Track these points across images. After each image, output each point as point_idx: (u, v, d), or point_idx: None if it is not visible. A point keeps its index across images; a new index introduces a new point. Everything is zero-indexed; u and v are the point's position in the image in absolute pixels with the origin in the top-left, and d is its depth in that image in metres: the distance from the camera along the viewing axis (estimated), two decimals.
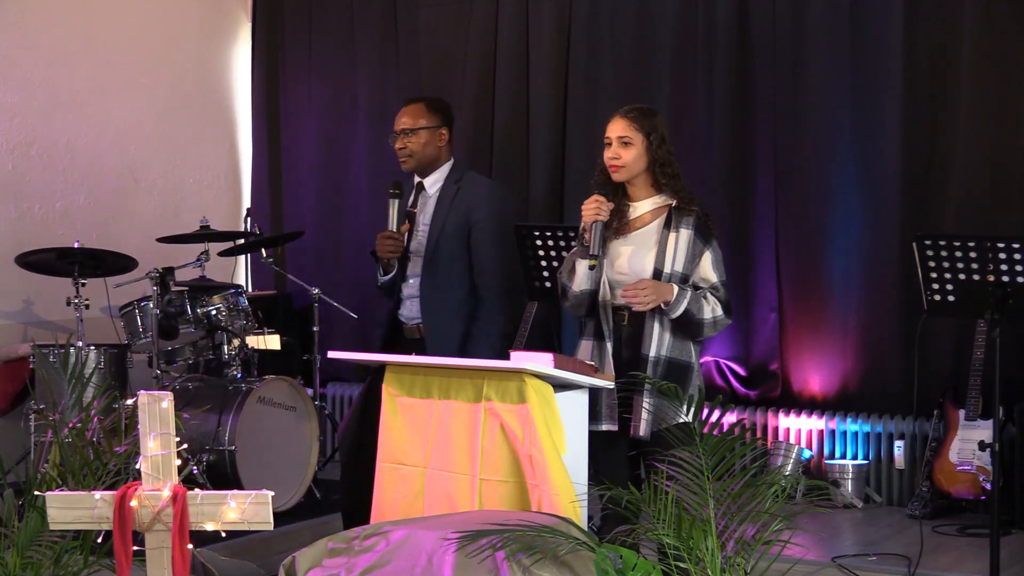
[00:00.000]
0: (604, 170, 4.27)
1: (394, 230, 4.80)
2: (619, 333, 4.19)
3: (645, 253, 4.19)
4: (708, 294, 4.18)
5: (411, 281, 4.84)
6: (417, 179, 4.92)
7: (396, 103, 7.74)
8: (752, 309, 6.77)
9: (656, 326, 4.14)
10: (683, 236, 4.18)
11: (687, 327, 4.15)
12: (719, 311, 4.17)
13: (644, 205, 4.27)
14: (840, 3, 6.52)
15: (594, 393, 4.06)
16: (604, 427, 4.11)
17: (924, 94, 6.39)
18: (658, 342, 4.14)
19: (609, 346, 4.17)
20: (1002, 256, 4.58)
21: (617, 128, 4.23)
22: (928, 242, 4.72)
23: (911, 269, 4.93)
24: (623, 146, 4.22)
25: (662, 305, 4.11)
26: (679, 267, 4.17)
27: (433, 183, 4.87)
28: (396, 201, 4.80)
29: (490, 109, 7.44)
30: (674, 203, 4.24)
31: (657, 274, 4.16)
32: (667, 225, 4.21)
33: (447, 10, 7.62)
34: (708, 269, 4.21)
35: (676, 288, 4.12)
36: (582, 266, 4.17)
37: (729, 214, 6.75)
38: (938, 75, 6.36)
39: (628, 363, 4.15)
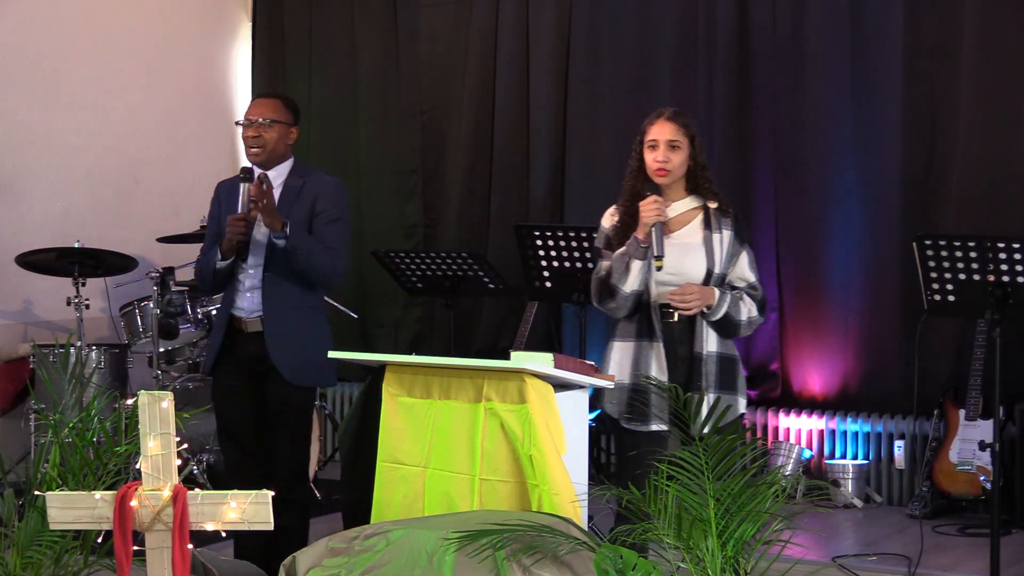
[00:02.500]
0: (641, 171, 4.25)
1: (245, 213, 4.73)
2: (669, 332, 4.21)
3: (693, 254, 4.22)
4: (744, 294, 4.24)
5: (251, 272, 4.78)
6: (259, 172, 4.85)
7: (396, 103, 7.80)
8: None
9: (704, 323, 4.19)
10: (725, 237, 4.23)
11: (725, 328, 4.22)
12: (754, 311, 4.24)
13: (680, 206, 4.28)
14: (840, 3, 6.52)
15: (641, 392, 4.10)
16: (654, 427, 4.13)
17: (924, 94, 6.39)
18: (708, 339, 4.20)
19: (661, 345, 4.18)
20: (1002, 256, 4.58)
21: (666, 131, 4.21)
22: (928, 242, 4.71)
23: (911, 269, 4.93)
24: (672, 149, 4.20)
25: (704, 308, 4.16)
26: (722, 267, 4.23)
27: (276, 176, 4.87)
28: (247, 185, 4.77)
29: (490, 109, 7.44)
30: (715, 205, 4.27)
31: (709, 274, 4.20)
32: (707, 226, 4.25)
33: (447, 10, 7.62)
34: (746, 269, 4.27)
35: (717, 292, 4.18)
36: (638, 266, 4.15)
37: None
38: (938, 75, 6.36)
39: (684, 360, 4.19)
